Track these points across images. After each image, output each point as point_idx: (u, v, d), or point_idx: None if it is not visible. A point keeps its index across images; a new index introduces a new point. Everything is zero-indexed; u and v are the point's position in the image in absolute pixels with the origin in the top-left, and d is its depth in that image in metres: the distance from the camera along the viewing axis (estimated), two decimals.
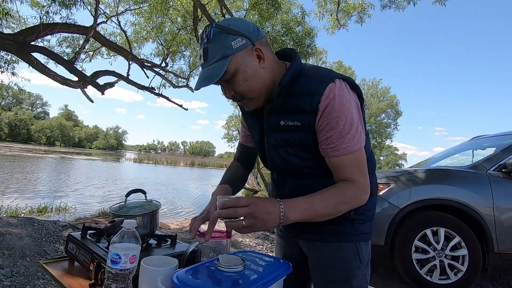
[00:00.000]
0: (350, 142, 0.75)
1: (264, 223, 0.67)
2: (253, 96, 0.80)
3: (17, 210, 4.70)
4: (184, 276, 0.69)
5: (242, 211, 0.66)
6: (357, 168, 0.77)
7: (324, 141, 0.76)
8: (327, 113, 0.74)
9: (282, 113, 0.81)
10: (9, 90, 5.47)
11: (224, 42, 0.73)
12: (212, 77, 0.73)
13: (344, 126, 0.74)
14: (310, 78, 0.78)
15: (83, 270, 0.89)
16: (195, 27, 6.10)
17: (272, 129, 0.84)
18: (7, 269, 2.07)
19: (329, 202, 0.75)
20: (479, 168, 2.63)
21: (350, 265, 0.87)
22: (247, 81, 0.77)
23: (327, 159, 0.79)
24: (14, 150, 28.22)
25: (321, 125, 0.75)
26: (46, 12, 4.25)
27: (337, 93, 0.74)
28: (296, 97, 0.78)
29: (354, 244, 0.88)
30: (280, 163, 0.87)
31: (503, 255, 2.39)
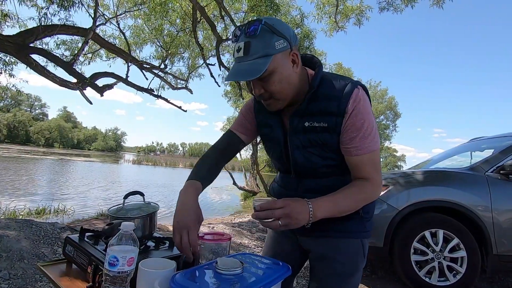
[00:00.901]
0: (371, 143, 0.83)
1: (297, 222, 0.74)
2: (281, 98, 0.83)
3: (15, 212, 4.68)
4: (182, 279, 0.69)
5: (278, 213, 0.73)
6: (374, 166, 0.85)
7: (349, 141, 0.83)
8: (354, 115, 0.81)
9: (306, 115, 0.85)
10: (8, 91, 5.46)
11: (269, 41, 0.76)
12: (253, 72, 0.75)
13: (367, 128, 0.82)
14: (334, 84, 0.84)
15: (81, 272, 0.89)
16: (194, 29, 6.11)
17: (295, 131, 0.88)
18: (5, 272, 2.06)
19: (350, 200, 0.82)
20: (477, 170, 2.63)
21: (356, 260, 0.92)
22: (281, 83, 0.80)
23: (349, 158, 0.85)
24: (12, 152, 28.13)
25: (348, 126, 0.82)
26: (45, 14, 4.25)
27: (362, 98, 0.82)
28: (321, 101, 0.83)
29: (360, 240, 0.93)
30: (302, 162, 0.90)
31: (502, 257, 2.39)
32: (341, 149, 0.86)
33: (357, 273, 0.92)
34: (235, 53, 0.79)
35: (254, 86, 0.82)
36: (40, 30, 4.31)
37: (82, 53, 6.13)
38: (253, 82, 0.81)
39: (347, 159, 0.86)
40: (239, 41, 0.78)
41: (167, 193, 10.53)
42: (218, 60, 7.11)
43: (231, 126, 1.05)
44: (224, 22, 7.11)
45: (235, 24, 6.50)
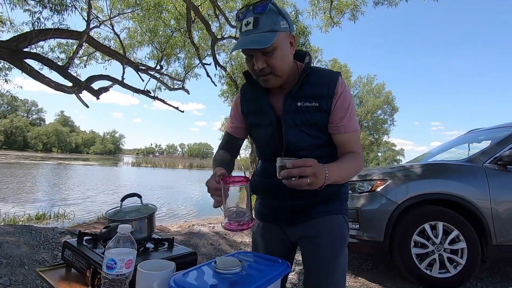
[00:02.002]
0: (355, 123, 0.96)
1: (318, 182, 0.77)
2: (280, 74, 0.90)
3: (15, 218, 4.66)
4: (181, 279, 0.69)
5: (310, 170, 0.75)
6: (358, 142, 0.99)
7: (339, 120, 0.93)
8: (343, 97, 0.93)
9: (298, 97, 0.94)
10: (4, 97, 5.43)
11: (275, 19, 0.85)
12: (261, 43, 0.83)
13: (352, 109, 0.95)
14: (320, 72, 0.97)
15: (80, 276, 0.88)
16: (189, 29, 6.08)
17: (289, 111, 0.95)
18: (5, 278, 2.06)
19: (350, 167, 0.92)
20: (475, 161, 2.64)
21: (342, 233, 1.00)
22: (282, 60, 0.89)
23: (337, 136, 0.96)
24: (10, 158, 28.01)
25: (338, 106, 0.93)
26: (38, 19, 4.22)
27: (345, 84, 0.96)
28: (311, 86, 0.94)
29: (342, 216, 1.02)
30: (295, 141, 0.96)
31: (502, 247, 2.40)
32: (329, 128, 0.96)
33: (345, 247, 0.99)
34: (243, 27, 0.87)
35: (258, 60, 0.87)
36: (33, 35, 4.28)
37: (77, 56, 6.09)
38: (257, 56, 0.87)
39: (336, 137, 0.96)
40: (247, 17, 0.86)
41: (167, 194, 10.52)
42: (214, 60, 7.09)
43: (226, 127, 1.17)
44: (219, 21, 7.08)
45: (229, 23, 6.48)
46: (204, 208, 8.06)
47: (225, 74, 8.28)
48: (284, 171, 0.75)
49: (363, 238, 2.53)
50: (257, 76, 0.93)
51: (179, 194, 10.90)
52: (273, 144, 1.00)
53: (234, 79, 8.59)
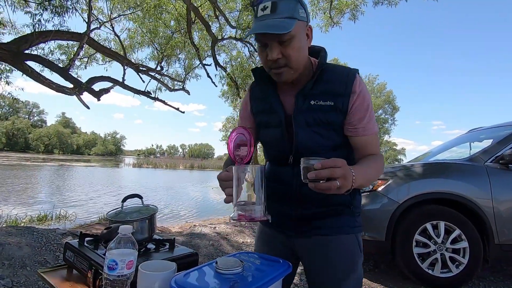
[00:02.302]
0: (375, 124, 0.91)
1: (347, 184, 0.69)
2: (295, 67, 0.84)
3: (16, 220, 4.68)
4: (182, 280, 0.69)
5: (340, 172, 0.67)
6: (378, 144, 0.93)
7: (357, 121, 0.87)
8: (361, 96, 0.86)
9: (311, 95, 0.88)
10: (5, 99, 5.47)
11: (294, 6, 0.79)
12: (280, 28, 0.76)
13: (372, 110, 0.89)
14: (336, 69, 0.90)
15: (81, 278, 0.89)
16: (189, 29, 6.09)
17: (301, 110, 0.88)
18: (8, 279, 2.06)
19: (373, 169, 0.86)
20: (476, 160, 2.64)
21: (353, 256, 0.91)
22: (299, 51, 0.82)
23: (356, 139, 0.89)
24: (12, 160, 28.10)
25: (356, 106, 0.86)
26: (39, 21, 4.23)
27: (363, 82, 0.89)
28: (326, 83, 0.87)
29: (355, 235, 0.93)
30: (306, 142, 0.89)
31: (504, 246, 2.40)
32: (346, 130, 0.89)
33: (356, 270, 0.90)
34: (259, 12, 0.80)
35: (273, 49, 0.80)
36: (34, 37, 4.29)
37: (77, 58, 6.11)
38: (272, 45, 0.80)
39: (354, 139, 0.90)
40: (264, 1, 0.80)
41: (168, 194, 10.53)
42: (214, 60, 7.10)
43: None
44: (219, 22, 7.09)
45: (229, 24, 6.49)
46: (205, 209, 8.06)
47: (225, 75, 8.28)
48: (312, 173, 0.66)
49: (365, 237, 2.52)
50: (269, 69, 0.86)
51: (180, 195, 10.91)
52: (282, 145, 0.93)
53: (234, 79, 8.59)
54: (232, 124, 22.33)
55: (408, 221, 2.49)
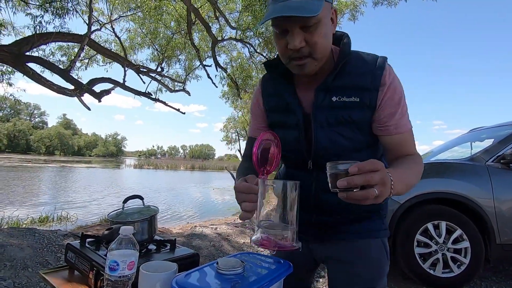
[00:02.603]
0: (408, 120, 0.78)
1: (385, 193, 0.56)
2: (319, 57, 0.72)
3: (18, 221, 4.68)
4: (183, 280, 0.69)
5: (378, 177, 0.54)
6: (414, 143, 0.80)
7: (387, 118, 0.75)
8: (392, 89, 0.74)
9: (333, 90, 0.76)
10: (6, 101, 5.49)
11: None
12: (307, 10, 0.63)
13: (404, 104, 0.77)
14: (362, 57, 0.77)
15: (83, 278, 0.89)
16: (189, 31, 6.11)
17: (321, 107, 0.77)
18: (9, 281, 2.07)
19: (413, 174, 0.71)
20: (477, 160, 2.63)
21: (380, 262, 0.83)
22: (325, 38, 0.70)
23: (387, 138, 0.77)
24: (13, 161, 28.16)
25: (386, 100, 0.74)
26: (40, 22, 4.25)
27: (394, 72, 0.77)
28: (350, 75, 0.75)
29: (381, 240, 0.85)
30: (326, 144, 0.78)
31: (505, 246, 2.39)
32: (375, 129, 0.78)
33: (383, 277, 0.83)
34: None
35: (295, 36, 0.67)
36: (35, 39, 4.32)
37: (78, 59, 6.13)
38: (294, 32, 0.67)
39: (385, 139, 0.78)
40: None
41: (169, 195, 10.53)
42: (215, 61, 7.12)
43: (248, 132, 0.98)
44: (219, 23, 7.10)
45: (230, 25, 6.50)
46: (206, 209, 8.06)
47: (225, 76, 8.30)
48: (343, 180, 0.53)
49: None
50: (289, 59, 0.73)
51: (181, 195, 10.92)
52: (299, 149, 0.82)
53: (234, 80, 8.61)
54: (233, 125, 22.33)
55: (409, 221, 2.49)
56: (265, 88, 0.89)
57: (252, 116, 0.95)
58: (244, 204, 0.65)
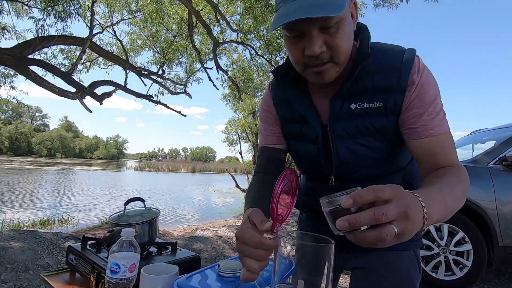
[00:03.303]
0: (444, 121, 0.63)
1: (414, 227, 0.40)
2: (341, 61, 0.61)
3: (19, 224, 4.69)
4: (184, 283, 0.69)
5: (394, 210, 0.38)
6: (454, 151, 0.63)
7: (414, 119, 0.62)
8: (420, 86, 0.62)
9: (351, 96, 0.66)
10: (9, 104, 5.52)
11: None
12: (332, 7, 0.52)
13: (438, 101, 0.63)
14: (385, 52, 0.65)
15: (84, 281, 0.89)
16: (191, 33, 6.14)
17: (338, 117, 0.67)
18: (10, 283, 2.06)
19: (455, 191, 0.54)
20: (479, 162, 2.62)
21: (410, 275, 0.74)
22: (347, 38, 0.59)
23: (415, 143, 0.63)
24: (15, 164, 28.24)
25: (413, 100, 0.62)
26: (42, 26, 4.28)
27: (426, 67, 0.63)
28: (371, 76, 0.64)
29: (413, 251, 0.77)
30: (347, 157, 0.69)
31: (508, 249, 2.38)
32: (403, 134, 0.65)
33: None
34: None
35: (314, 40, 0.56)
36: (37, 42, 4.35)
37: (80, 62, 6.16)
38: (313, 34, 0.56)
39: (413, 144, 0.64)
40: None
41: (170, 198, 10.53)
42: (216, 64, 7.14)
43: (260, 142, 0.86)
44: (220, 26, 7.13)
45: (231, 27, 6.53)
46: (207, 212, 8.05)
47: (227, 78, 8.33)
48: (343, 220, 0.39)
49: None
50: (305, 67, 0.62)
51: (182, 198, 10.91)
52: (318, 163, 0.73)
53: (236, 82, 8.63)
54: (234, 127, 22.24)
55: None
56: (277, 95, 0.79)
57: (263, 123, 0.83)
58: (247, 261, 0.49)
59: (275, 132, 0.81)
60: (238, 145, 11.08)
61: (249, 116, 8.74)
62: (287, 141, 0.80)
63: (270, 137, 0.81)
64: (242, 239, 0.50)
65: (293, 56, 0.63)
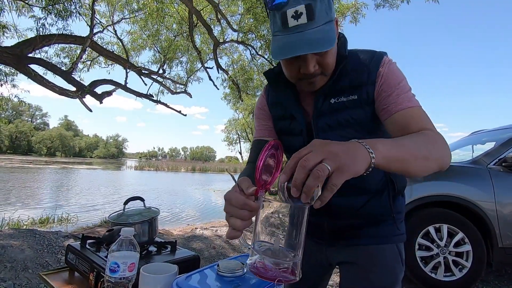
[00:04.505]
0: (412, 99, 0.70)
1: (352, 159, 0.44)
2: (329, 73, 0.72)
3: (19, 222, 4.69)
4: (183, 282, 0.69)
5: (314, 155, 0.43)
6: (428, 119, 0.67)
7: (384, 101, 0.70)
8: (385, 76, 0.71)
9: (332, 93, 0.75)
10: (9, 102, 5.51)
11: (329, 3, 0.64)
12: (326, 41, 0.62)
13: (405, 84, 0.71)
14: (359, 55, 0.75)
15: (83, 280, 0.89)
16: (191, 33, 6.14)
17: (320, 112, 0.76)
18: (10, 282, 2.06)
19: (418, 140, 0.59)
20: (479, 163, 2.62)
21: (394, 269, 0.81)
22: (334, 55, 0.70)
23: (389, 121, 0.69)
24: (15, 162, 28.24)
25: (381, 86, 0.71)
26: (42, 24, 4.28)
27: (392, 62, 0.74)
28: (348, 75, 0.74)
29: (396, 245, 0.83)
30: None
31: (508, 250, 2.38)
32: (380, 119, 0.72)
33: (397, 285, 0.81)
34: (290, 21, 0.61)
35: (310, 62, 0.67)
36: (38, 40, 4.34)
37: (80, 61, 6.16)
38: (309, 58, 0.66)
39: (387, 123, 0.70)
40: (291, 5, 0.61)
41: (169, 197, 10.53)
42: (216, 63, 7.14)
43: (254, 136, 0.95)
44: (221, 25, 7.13)
45: (231, 27, 6.53)
46: (206, 211, 8.05)
47: (227, 78, 8.33)
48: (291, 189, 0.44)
49: None
50: (299, 80, 0.73)
51: (182, 197, 10.91)
52: None
53: (236, 82, 8.63)
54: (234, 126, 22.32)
55: (410, 224, 2.48)
56: (270, 96, 0.89)
57: (257, 119, 0.93)
58: (233, 220, 0.53)
59: (267, 127, 0.90)
60: (238, 144, 11.06)
61: (249, 116, 8.76)
62: (280, 137, 0.88)
63: (262, 131, 0.91)
64: (229, 200, 0.55)
65: (289, 73, 0.73)
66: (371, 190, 0.81)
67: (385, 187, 0.82)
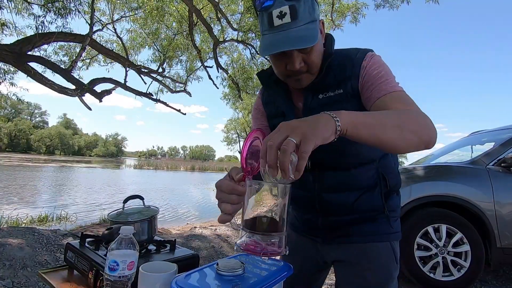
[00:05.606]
0: (394, 84, 0.71)
1: (315, 126, 0.48)
2: (315, 71, 0.76)
3: (17, 221, 4.68)
4: (183, 281, 0.69)
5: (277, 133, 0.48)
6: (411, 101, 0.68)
7: (367, 91, 0.72)
8: (368, 67, 0.74)
9: (319, 89, 0.79)
10: (8, 100, 5.49)
11: (312, 5, 0.69)
12: (309, 39, 0.66)
13: (387, 73, 0.73)
14: (345, 53, 0.78)
15: (82, 278, 0.88)
16: (191, 31, 6.13)
17: (310, 108, 0.79)
18: (8, 280, 2.06)
19: (389, 112, 0.62)
20: (478, 163, 2.63)
21: (388, 266, 0.82)
22: (319, 53, 0.74)
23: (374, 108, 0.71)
24: (14, 160, 28.18)
25: (365, 77, 0.73)
26: (42, 22, 4.27)
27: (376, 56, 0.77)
28: (335, 71, 0.77)
29: (390, 243, 0.83)
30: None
31: (506, 250, 2.39)
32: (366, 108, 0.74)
33: (391, 283, 0.81)
34: (275, 21, 0.67)
35: (295, 60, 0.71)
36: (37, 38, 4.33)
37: (80, 59, 6.15)
38: (294, 55, 0.71)
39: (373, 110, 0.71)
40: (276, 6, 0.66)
41: (169, 196, 10.53)
42: (216, 62, 7.13)
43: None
44: (221, 24, 7.12)
45: (231, 26, 6.52)
46: (206, 210, 8.05)
47: (227, 77, 8.32)
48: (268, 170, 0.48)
49: None
50: (286, 77, 0.77)
51: (181, 196, 10.91)
52: None
53: (236, 81, 8.62)
54: (234, 126, 22.33)
55: (409, 224, 2.48)
56: (264, 96, 0.94)
57: (253, 118, 0.99)
58: (223, 205, 0.58)
59: (262, 126, 0.95)
60: (237, 144, 11.06)
61: (248, 115, 8.74)
62: None
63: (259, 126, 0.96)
64: (219, 187, 0.60)
65: (277, 69, 0.77)
66: (363, 186, 0.82)
67: (377, 183, 0.83)
